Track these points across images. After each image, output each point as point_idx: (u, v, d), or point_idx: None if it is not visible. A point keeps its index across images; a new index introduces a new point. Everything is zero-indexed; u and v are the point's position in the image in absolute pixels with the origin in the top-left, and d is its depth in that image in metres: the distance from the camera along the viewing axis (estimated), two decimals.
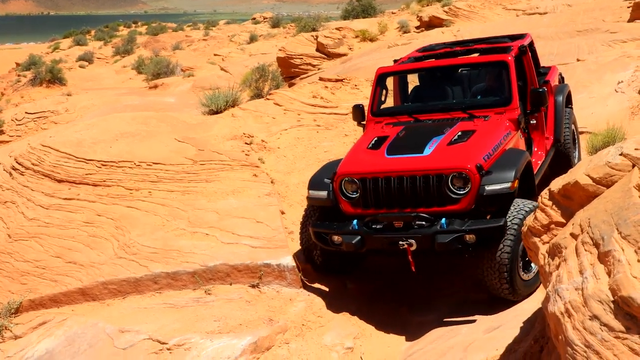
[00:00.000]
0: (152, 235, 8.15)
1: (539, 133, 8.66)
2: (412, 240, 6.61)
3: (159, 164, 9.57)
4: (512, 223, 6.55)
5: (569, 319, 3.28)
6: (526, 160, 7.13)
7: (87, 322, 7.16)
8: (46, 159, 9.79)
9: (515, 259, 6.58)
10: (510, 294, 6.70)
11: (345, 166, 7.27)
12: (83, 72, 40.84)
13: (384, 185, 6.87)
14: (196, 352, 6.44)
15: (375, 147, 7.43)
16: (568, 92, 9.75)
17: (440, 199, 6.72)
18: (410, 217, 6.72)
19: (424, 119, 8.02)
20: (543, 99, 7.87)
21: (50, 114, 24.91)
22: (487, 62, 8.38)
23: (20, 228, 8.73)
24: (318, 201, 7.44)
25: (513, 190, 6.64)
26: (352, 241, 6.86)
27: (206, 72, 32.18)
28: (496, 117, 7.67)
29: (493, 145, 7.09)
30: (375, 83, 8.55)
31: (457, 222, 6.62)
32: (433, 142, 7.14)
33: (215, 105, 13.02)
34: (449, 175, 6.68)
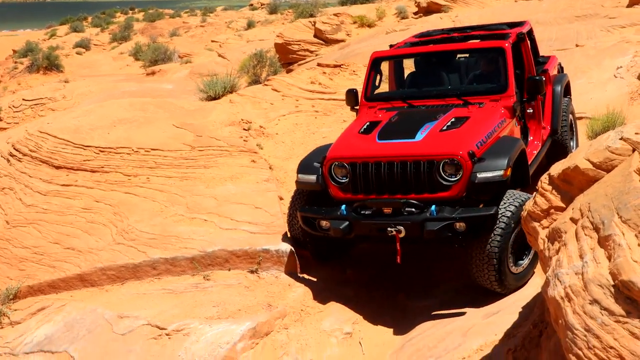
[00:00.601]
0: (151, 221, 8.15)
1: (535, 122, 8.56)
2: (400, 227, 6.49)
3: (157, 150, 9.56)
4: (504, 215, 6.45)
5: (569, 303, 3.27)
6: (520, 148, 7.00)
7: (86, 308, 7.16)
8: (44, 145, 9.78)
9: (504, 251, 6.47)
10: (499, 287, 6.60)
11: (335, 150, 7.16)
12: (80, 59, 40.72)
13: (374, 170, 6.76)
14: (195, 338, 6.44)
15: (367, 132, 7.32)
16: (567, 82, 9.64)
17: (431, 185, 6.61)
18: (400, 203, 6.60)
19: (418, 104, 7.92)
20: (540, 87, 7.77)
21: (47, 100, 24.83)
22: (484, 48, 8.26)
23: (19, 214, 8.73)
24: (307, 185, 7.33)
25: (505, 178, 6.52)
26: (340, 227, 6.71)
27: (204, 58, 32.11)
28: (491, 105, 7.55)
29: (486, 132, 6.96)
30: (370, 67, 8.43)
31: (447, 210, 6.49)
32: (425, 127, 7.02)
33: (213, 92, 13.00)
34: (441, 161, 6.57)
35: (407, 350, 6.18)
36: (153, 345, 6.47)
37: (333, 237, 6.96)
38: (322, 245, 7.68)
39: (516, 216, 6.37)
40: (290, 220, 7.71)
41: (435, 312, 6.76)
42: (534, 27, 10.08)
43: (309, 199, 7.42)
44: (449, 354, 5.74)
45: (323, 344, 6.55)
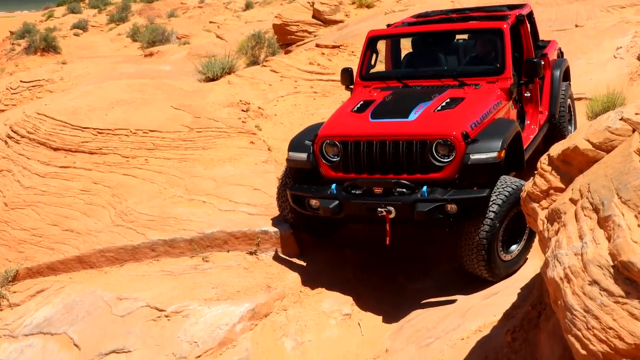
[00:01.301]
0: (149, 203, 8.14)
1: (533, 106, 8.47)
2: (391, 208, 6.40)
3: (155, 131, 9.54)
4: (495, 202, 6.35)
5: (568, 284, 3.26)
6: (515, 130, 6.92)
7: (85, 290, 7.17)
8: (42, 127, 9.75)
9: (495, 238, 6.38)
10: (487, 274, 6.54)
11: (327, 128, 7.09)
12: (78, 40, 40.53)
13: (366, 149, 6.67)
14: (194, 319, 6.45)
15: (360, 111, 7.25)
16: (566, 67, 9.54)
17: (423, 166, 6.53)
18: (391, 183, 6.52)
19: (413, 85, 7.82)
20: (537, 70, 7.66)
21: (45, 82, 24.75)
22: (482, 29, 8.16)
23: (17, 196, 8.72)
24: (297, 163, 7.22)
25: (499, 160, 6.42)
26: (330, 206, 6.64)
27: (202, 39, 31.96)
28: (487, 86, 7.46)
29: (481, 113, 6.88)
30: (366, 46, 8.32)
31: (438, 191, 6.41)
32: (419, 107, 6.95)
33: (212, 73, 12.96)
34: (434, 142, 6.48)
35: (406, 331, 6.20)
36: (152, 326, 6.49)
37: (322, 216, 6.89)
38: (312, 224, 7.59)
39: (508, 203, 6.32)
40: (280, 199, 7.59)
41: (433, 293, 6.77)
42: (533, 8, 10.01)
43: (300, 177, 7.29)
44: (448, 334, 5.76)
45: (322, 325, 6.57)
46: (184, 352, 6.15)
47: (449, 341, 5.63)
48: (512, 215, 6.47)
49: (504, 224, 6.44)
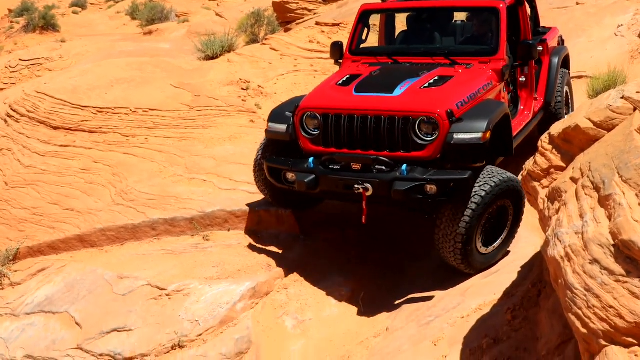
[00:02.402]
0: (150, 182, 8.14)
1: (527, 92, 8.22)
2: (368, 185, 6.19)
3: (155, 110, 9.54)
4: (478, 193, 6.13)
5: (569, 263, 3.27)
6: (503, 112, 6.67)
7: (86, 269, 7.19)
8: (41, 105, 9.73)
9: (475, 230, 6.17)
10: (463, 266, 6.36)
11: (308, 100, 6.88)
12: (76, 19, 40.33)
13: (347, 123, 6.47)
14: (195, 298, 6.47)
15: (345, 84, 7.03)
16: (565, 55, 9.31)
17: (405, 143, 6.31)
18: (369, 159, 6.31)
19: (403, 61, 7.60)
20: (532, 52, 7.43)
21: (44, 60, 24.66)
22: (477, 7, 7.93)
23: (17, 175, 8.72)
24: (276, 135, 6.98)
25: (484, 141, 6.18)
26: (305, 180, 6.41)
27: (201, 17, 31.82)
28: (479, 66, 7.23)
29: (469, 93, 6.64)
30: (357, 20, 8.05)
31: (418, 170, 6.17)
32: (406, 83, 6.74)
33: (211, 51, 12.90)
34: (417, 119, 6.26)
35: (406, 310, 6.22)
36: (153, 305, 6.51)
37: (297, 190, 6.68)
38: (288, 198, 7.41)
39: (492, 195, 6.15)
40: (256, 171, 7.36)
41: (434, 273, 6.78)
42: None
43: (278, 150, 7.08)
44: (448, 313, 5.77)
45: (322, 304, 6.59)
46: (185, 330, 6.18)
47: (449, 319, 5.64)
48: (495, 208, 6.32)
49: (486, 216, 6.26)
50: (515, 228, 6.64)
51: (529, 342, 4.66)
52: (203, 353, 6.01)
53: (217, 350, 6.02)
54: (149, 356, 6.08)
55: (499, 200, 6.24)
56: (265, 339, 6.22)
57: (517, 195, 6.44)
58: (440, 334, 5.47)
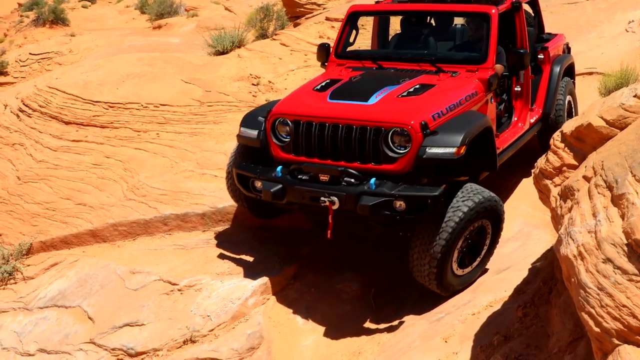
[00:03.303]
0: (161, 177, 8.18)
1: (522, 102, 7.76)
2: (334, 198, 5.84)
3: (166, 105, 9.57)
4: (455, 214, 5.79)
5: (582, 262, 3.28)
6: (483, 126, 6.29)
7: (99, 264, 7.24)
8: (53, 100, 9.78)
9: (449, 252, 5.83)
10: (436, 288, 6.03)
11: (281, 105, 6.58)
12: (86, 12, 40.35)
13: (318, 131, 6.13)
14: (207, 293, 6.51)
15: (322, 90, 6.68)
16: (569, 64, 8.81)
17: (376, 155, 5.96)
18: (337, 171, 5.96)
19: (388, 67, 7.22)
20: (523, 62, 6.97)
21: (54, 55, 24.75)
22: (468, 12, 7.53)
23: (29, 170, 8.78)
24: (247, 141, 6.68)
25: (458, 157, 5.80)
26: (271, 189, 6.09)
27: (210, 12, 31.80)
28: (465, 75, 6.82)
29: (449, 104, 6.26)
30: (345, 22, 7.71)
31: (388, 185, 5.82)
32: (383, 91, 6.39)
33: (221, 46, 12.89)
34: (389, 130, 5.92)
35: (417, 306, 6.24)
36: (165, 300, 6.56)
37: (264, 200, 6.39)
38: (259, 206, 7.03)
39: (470, 216, 5.82)
40: (228, 178, 7.08)
41: None
42: None
43: (250, 156, 6.77)
44: (459, 309, 5.79)
45: (333, 300, 6.61)
46: (197, 325, 6.22)
47: (459, 316, 5.66)
48: (472, 229, 6.01)
49: (463, 237, 5.92)
50: (493, 248, 6.36)
51: (540, 340, 4.67)
52: (215, 348, 6.04)
53: (228, 345, 6.05)
54: (161, 351, 6.12)
55: (477, 220, 5.95)
56: (276, 335, 6.25)
57: (496, 215, 6.14)
58: (451, 331, 5.49)
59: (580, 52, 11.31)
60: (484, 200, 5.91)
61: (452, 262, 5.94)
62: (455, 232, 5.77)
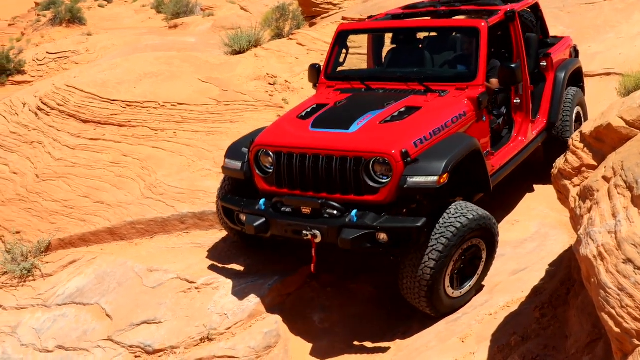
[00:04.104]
0: (178, 176, 8.22)
1: (523, 115, 7.43)
2: (316, 232, 5.69)
3: (183, 104, 9.62)
4: (443, 235, 5.60)
5: (602, 262, 3.28)
6: (469, 149, 6.03)
7: (116, 261, 7.28)
8: (71, 99, 9.85)
9: (441, 273, 5.64)
10: (428, 310, 5.86)
11: (264, 136, 6.36)
12: (102, 12, 40.55)
13: (299, 162, 5.95)
14: (224, 292, 6.53)
15: (305, 117, 6.49)
16: (575, 69, 8.42)
17: (357, 186, 5.77)
18: (318, 204, 5.78)
19: (376, 87, 6.98)
20: (514, 76, 6.69)
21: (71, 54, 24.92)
22: (456, 27, 7.31)
23: (48, 168, 8.85)
24: (232, 172, 6.53)
25: (440, 185, 5.58)
26: (254, 223, 5.94)
27: (226, 11, 31.89)
28: (454, 94, 6.57)
29: (433, 127, 6.03)
30: (334, 41, 7.48)
31: (369, 217, 5.65)
32: (365, 117, 6.15)
33: (238, 45, 12.94)
34: (370, 159, 5.72)
35: None
36: (182, 298, 6.58)
37: (248, 234, 6.28)
38: (251, 237, 6.78)
39: (460, 235, 5.63)
40: (219, 210, 6.87)
41: None
42: None
43: (236, 188, 6.66)
44: (476, 310, 5.79)
45: (350, 299, 6.61)
46: (214, 323, 6.24)
47: (476, 316, 5.66)
48: (465, 248, 5.83)
49: (454, 258, 5.74)
50: (488, 267, 6.15)
51: (558, 341, 4.67)
52: (232, 346, 6.06)
53: (245, 343, 6.06)
54: (178, 348, 6.14)
55: (468, 240, 5.77)
56: (293, 333, 6.26)
57: (489, 234, 5.95)
58: (468, 331, 5.49)
59: (598, 52, 11.26)
60: (476, 218, 5.74)
61: (444, 282, 5.76)
62: (446, 251, 5.59)
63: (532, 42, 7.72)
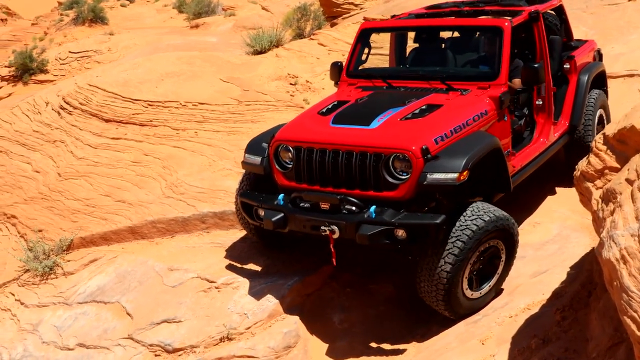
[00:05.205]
0: (199, 175, 8.25)
1: (545, 116, 7.36)
2: (334, 227, 5.70)
3: (204, 104, 9.66)
4: (464, 232, 5.57)
5: (625, 266, 3.26)
6: (490, 147, 6.00)
7: (137, 260, 7.33)
8: (93, 98, 9.92)
9: (459, 274, 5.61)
10: (447, 312, 5.84)
11: (284, 131, 6.37)
12: (124, 11, 40.80)
13: (319, 158, 5.95)
14: (244, 291, 6.55)
15: (326, 113, 6.49)
16: (599, 72, 8.30)
17: (377, 182, 5.76)
18: (337, 199, 5.79)
19: (398, 85, 6.97)
20: (537, 76, 6.66)
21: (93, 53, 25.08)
22: (480, 26, 7.28)
23: (70, 167, 8.91)
24: (251, 167, 6.55)
25: (460, 182, 5.55)
26: (273, 218, 5.95)
27: (247, 11, 32.00)
28: (476, 93, 6.55)
29: (454, 125, 6.01)
30: (356, 39, 7.46)
31: (388, 213, 5.62)
32: (386, 114, 6.16)
33: (260, 45, 12.98)
34: (390, 155, 5.71)
35: None
36: (202, 297, 6.61)
37: (265, 229, 6.28)
38: (270, 235, 6.82)
39: (478, 236, 5.60)
40: (237, 204, 6.91)
41: None
42: None
43: (256, 183, 6.66)
44: (496, 312, 5.76)
45: (369, 300, 6.61)
46: (234, 323, 6.26)
47: (497, 318, 5.63)
48: (483, 249, 5.79)
49: (472, 258, 5.70)
50: (508, 269, 6.11)
51: (579, 344, 4.64)
52: (251, 346, 6.07)
53: (265, 343, 6.08)
54: (198, 347, 6.17)
55: (487, 241, 5.74)
56: (312, 334, 6.26)
57: (508, 235, 5.91)
58: (488, 333, 5.46)
59: (621, 53, 11.17)
60: (495, 219, 5.70)
61: (462, 284, 5.73)
62: (464, 252, 5.56)
63: (555, 44, 7.68)
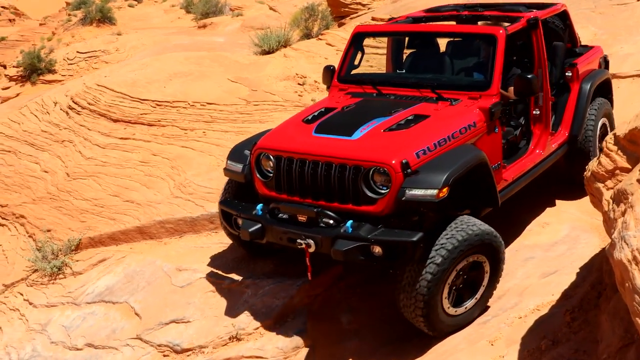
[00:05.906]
0: (208, 176, 8.26)
1: (542, 127, 7.07)
2: (310, 241, 5.55)
3: (212, 104, 9.67)
4: (442, 248, 5.36)
5: (637, 267, 3.24)
6: (475, 162, 5.77)
7: (145, 260, 7.33)
8: (102, 98, 9.94)
9: (439, 290, 5.40)
10: (426, 329, 5.62)
11: (267, 139, 6.23)
12: (132, 12, 40.88)
13: (299, 168, 5.79)
14: (252, 292, 6.55)
15: (311, 121, 6.30)
16: (602, 81, 7.94)
17: (355, 195, 5.58)
18: (314, 212, 5.64)
19: (388, 93, 6.76)
20: (531, 87, 6.39)
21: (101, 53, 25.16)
22: (473, 33, 7.10)
23: (78, 167, 8.92)
24: (233, 175, 6.44)
25: (439, 200, 5.35)
26: (250, 229, 5.82)
27: (255, 11, 32.02)
28: (466, 103, 6.30)
29: (439, 138, 5.78)
30: (349, 44, 7.25)
31: (365, 228, 5.46)
32: (370, 124, 5.97)
33: (268, 45, 12.98)
34: (369, 169, 5.53)
35: None
36: (211, 297, 6.61)
37: (244, 240, 6.16)
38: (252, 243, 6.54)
39: (460, 250, 5.39)
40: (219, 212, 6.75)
41: None
42: None
43: (238, 191, 6.52)
44: (505, 313, 5.74)
45: (378, 302, 6.58)
46: (243, 323, 6.25)
47: (506, 319, 5.61)
48: (466, 264, 5.59)
49: (453, 274, 5.50)
50: (493, 285, 5.88)
51: (589, 345, 4.62)
52: (260, 346, 6.07)
53: (273, 344, 6.07)
54: (206, 348, 6.17)
55: (469, 256, 5.53)
56: (321, 334, 6.25)
57: (493, 251, 5.69)
58: (497, 334, 5.45)
59: (630, 54, 11.13)
60: (479, 233, 5.50)
61: (442, 300, 5.52)
62: (444, 265, 5.35)
63: (558, 50, 7.53)
